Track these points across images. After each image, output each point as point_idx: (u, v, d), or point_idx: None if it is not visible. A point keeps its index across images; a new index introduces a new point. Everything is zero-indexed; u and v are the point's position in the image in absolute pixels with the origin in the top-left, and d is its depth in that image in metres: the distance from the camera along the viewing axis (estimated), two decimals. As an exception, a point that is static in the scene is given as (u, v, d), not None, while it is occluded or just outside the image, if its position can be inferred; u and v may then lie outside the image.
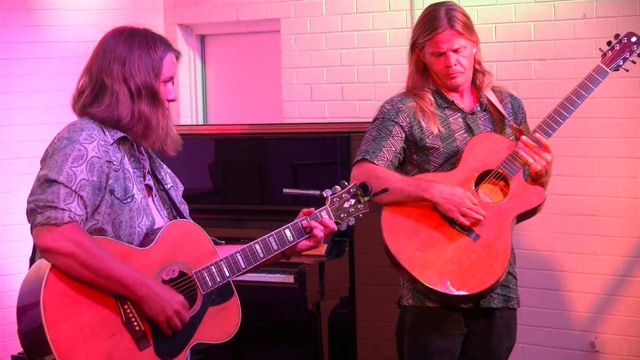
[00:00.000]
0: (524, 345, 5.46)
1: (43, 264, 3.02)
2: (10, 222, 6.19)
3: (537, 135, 3.85)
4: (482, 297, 3.82)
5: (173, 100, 3.24)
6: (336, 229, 3.33)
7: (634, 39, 3.93)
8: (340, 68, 6.10)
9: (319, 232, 3.29)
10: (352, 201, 3.35)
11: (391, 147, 3.89)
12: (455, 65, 3.88)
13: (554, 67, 5.37)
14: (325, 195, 3.33)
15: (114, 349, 3.02)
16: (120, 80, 3.15)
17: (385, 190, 3.54)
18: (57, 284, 2.99)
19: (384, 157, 3.88)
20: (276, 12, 6.33)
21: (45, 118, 6.29)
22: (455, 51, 3.87)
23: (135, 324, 3.06)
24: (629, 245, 5.25)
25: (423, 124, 3.90)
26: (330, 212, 3.32)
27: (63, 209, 2.99)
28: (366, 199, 3.36)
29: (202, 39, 6.88)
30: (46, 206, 2.99)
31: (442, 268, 3.74)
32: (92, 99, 3.18)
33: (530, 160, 3.84)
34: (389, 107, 3.95)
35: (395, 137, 3.90)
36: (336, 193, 3.34)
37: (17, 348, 5.70)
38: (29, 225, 3.07)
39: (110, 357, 3.01)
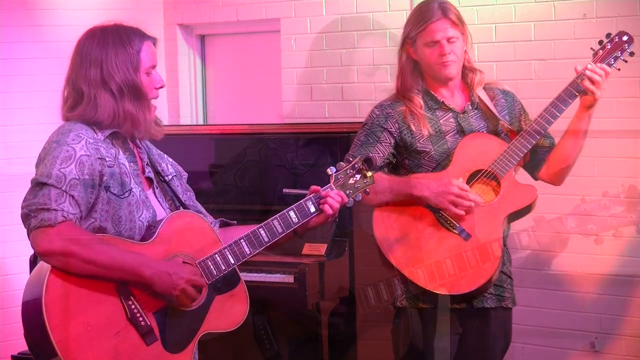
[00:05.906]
0: (524, 345, 5.46)
1: (44, 266, 3.03)
2: (10, 222, 6.16)
3: (600, 65, 3.84)
4: (474, 297, 3.81)
5: (162, 87, 3.24)
6: (347, 200, 3.32)
7: (625, 38, 3.91)
8: (340, 68, 6.09)
9: (327, 208, 3.29)
10: (358, 177, 3.34)
11: (378, 153, 3.88)
12: (450, 54, 3.88)
13: (554, 67, 5.36)
14: (329, 173, 3.33)
15: (120, 346, 3.02)
16: (99, 85, 3.16)
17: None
18: (57, 286, 2.99)
19: None
20: (276, 12, 6.32)
21: (45, 118, 6.26)
22: (449, 40, 3.87)
23: (141, 319, 3.05)
24: (629, 246, 5.24)
25: (413, 127, 3.89)
26: (335, 190, 3.33)
27: (55, 209, 3.00)
28: (370, 173, 3.34)
29: (202, 39, 6.88)
30: (39, 209, 3.01)
31: (434, 268, 3.73)
32: (73, 106, 3.20)
33: (597, 92, 3.84)
34: (378, 113, 3.94)
35: (383, 144, 3.89)
36: (340, 170, 3.34)
37: (17, 348, 5.70)
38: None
39: (117, 355, 3.01)
